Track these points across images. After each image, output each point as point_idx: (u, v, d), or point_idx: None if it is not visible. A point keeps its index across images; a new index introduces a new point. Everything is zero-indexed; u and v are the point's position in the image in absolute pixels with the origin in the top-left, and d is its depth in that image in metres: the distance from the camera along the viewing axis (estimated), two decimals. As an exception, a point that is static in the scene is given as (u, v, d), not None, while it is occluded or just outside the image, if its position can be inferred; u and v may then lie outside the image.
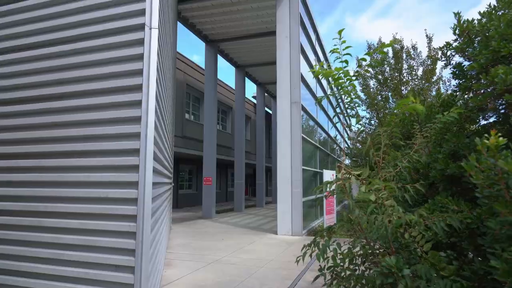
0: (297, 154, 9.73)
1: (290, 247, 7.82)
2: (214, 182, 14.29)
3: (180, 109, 16.40)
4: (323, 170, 10.13)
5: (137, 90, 3.18)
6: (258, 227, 11.30)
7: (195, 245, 8.12)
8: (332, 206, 10.26)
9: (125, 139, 3.16)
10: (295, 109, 9.86)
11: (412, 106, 2.08)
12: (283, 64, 10.14)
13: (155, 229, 3.65)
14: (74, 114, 3.29)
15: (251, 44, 15.62)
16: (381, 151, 2.46)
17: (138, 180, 3.06)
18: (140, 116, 3.12)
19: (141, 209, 3.02)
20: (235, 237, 9.20)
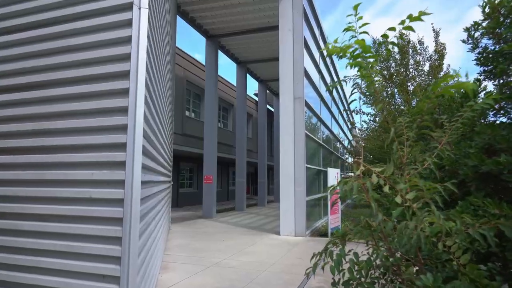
0: (300, 151, 9.36)
1: (294, 249, 7.46)
2: (215, 181, 13.94)
3: (180, 106, 16.05)
4: (328, 168, 9.76)
5: (124, 76, 2.82)
6: (260, 227, 10.95)
7: (194, 246, 7.77)
8: (337, 206, 9.88)
9: (110, 132, 2.80)
10: (298, 105, 9.49)
11: (459, 84, 1.70)
12: (286, 59, 9.77)
13: (145, 233, 3.30)
14: (52, 105, 2.94)
15: (252, 39, 15.24)
16: (406, 145, 2.10)
17: (124, 179, 2.70)
18: (127, 106, 2.77)
19: (128, 211, 2.67)
20: (236, 238, 8.86)
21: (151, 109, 3.46)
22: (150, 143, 3.54)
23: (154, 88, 3.74)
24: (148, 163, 3.42)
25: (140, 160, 2.76)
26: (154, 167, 4.16)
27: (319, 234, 9.79)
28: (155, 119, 3.90)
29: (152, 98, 3.56)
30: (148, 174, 3.49)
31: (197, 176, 20.50)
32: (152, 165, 3.91)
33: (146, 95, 2.93)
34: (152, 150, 3.79)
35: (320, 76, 13.54)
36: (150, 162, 3.64)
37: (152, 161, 3.79)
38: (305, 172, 9.32)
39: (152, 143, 3.74)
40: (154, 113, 3.75)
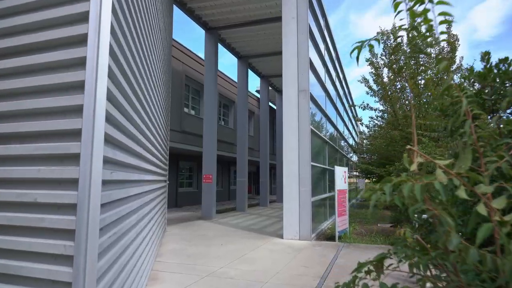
0: (305, 148, 8.67)
1: (299, 255, 6.77)
2: (215, 180, 13.26)
3: (178, 101, 15.38)
4: (335, 166, 9.07)
5: (80, 43, 2.14)
6: (262, 230, 10.27)
7: (189, 251, 7.10)
8: (344, 207, 9.19)
9: (61, 115, 2.13)
10: (303, 98, 8.79)
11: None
12: (290, 48, 9.07)
13: (116, 247, 2.61)
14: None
15: (254, 32, 14.54)
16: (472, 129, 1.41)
17: (78, 177, 2.02)
18: (84, 80, 2.09)
19: (82, 221, 1.99)
20: (236, 242, 8.18)
21: (123, 87, 2.77)
22: (123, 131, 2.85)
23: (130, 63, 3.05)
24: (120, 157, 2.74)
25: (101, 152, 2.09)
26: (134, 163, 3.48)
27: (325, 237, 9.10)
28: (131, 102, 3.20)
29: (126, 75, 2.87)
30: (121, 171, 2.80)
31: (197, 175, 19.84)
32: (130, 161, 3.22)
33: (111, 66, 2.25)
34: (128, 141, 3.10)
35: (326, 70, 12.83)
36: (125, 156, 2.96)
37: (127, 154, 3.10)
38: (310, 170, 8.63)
39: (127, 132, 3.05)
40: (129, 93, 3.05)
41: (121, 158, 2.75)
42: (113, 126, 2.48)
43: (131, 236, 3.35)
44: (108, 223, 2.38)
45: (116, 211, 2.58)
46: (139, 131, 3.82)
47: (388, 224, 11.72)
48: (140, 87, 3.73)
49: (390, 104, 13.05)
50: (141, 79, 3.78)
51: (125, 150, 3.02)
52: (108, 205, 2.39)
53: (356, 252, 7.12)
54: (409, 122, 11.76)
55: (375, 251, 7.47)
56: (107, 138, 2.27)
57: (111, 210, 2.45)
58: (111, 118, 2.36)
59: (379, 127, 15.20)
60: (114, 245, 2.55)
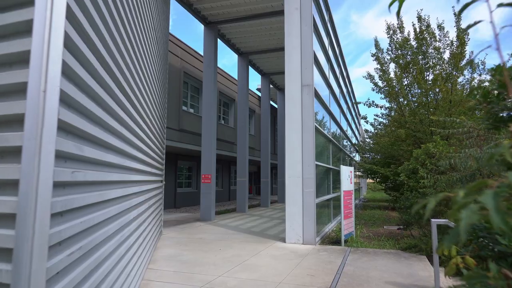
0: (309, 146, 8.16)
1: (303, 262, 6.26)
2: (214, 180, 12.75)
3: (176, 99, 14.88)
4: (341, 166, 8.55)
5: (26, 4, 1.63)
6: (263, 233, 9.76)
7: (185, 258, 6.60)
8: (350, 209, 8.68)
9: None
10: (306, 93, 8.28)
11: None
12: (293, 41, 8.56)
13: (77, 269, 2.08)
14: None
15: (255, 27, 14.04)
16: None
17: (19, 178, 1.52)
18: (29, 50, 1.58)
19: (25, 236, 1.49)
20: (235, 247, 7.67)
21: (92, 65, 2.25)
22: (96, 122, 2.34)
23: (104, 37, 2.53)
24: (90, 154, 2.23)
25: (52, 144, 1.58)
26: (115, 161, 2.98)
27: (330, 241, 8.59)
28: (107, 87, 2.67)
29: (97, 51, 2.35)
30: (92, 170, 2.30)
31: (196, 175, 19.34)
32: (108, 159, 2.72)
33: (71, 34, 1.74)
34: (105, 134, 2.59)
35: (330, 66, 12.32)
36: (99, 152, 2.45)
37: (103, 150, 2.59)
38: (314, 170, 8.12)
39: (103, 125, 2.54)
40: (103, 76, 2.53)
41: (91, 155, 2.25)
42: (77, 113, 1.98)
43: (110, 247, 2.85)
44: (69, 236, 1.88)
45: (82, 221, 2.07)
46: (122, 124, 3.32)
47: (395, 226, 11.21)
48: (122, 72, 3.22)
49: (396, 101, 12.52)
50: (124, 63, 3.28)
51: (99, 145, 2.52)
52: (69, 214, 1.89)
53: (365, 258, 6.61)
54: (417, 120, 11.22)
55: (385, 257, 6.99)
56: (66, 127, 1.77)
57: (74, 220, 1.95)
58: (72, 103, 1.86)
59: (384, 125, 14.69)
60: (79, 262, 2.05)
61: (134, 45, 3.82)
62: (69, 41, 1.78)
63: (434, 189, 7.29)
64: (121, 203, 3.31)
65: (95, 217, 2.34)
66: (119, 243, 3.26)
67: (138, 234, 4.57)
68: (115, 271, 3.09)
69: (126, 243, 3.65)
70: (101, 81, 2.45)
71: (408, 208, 8.10)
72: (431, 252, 6.74)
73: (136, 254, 4.45)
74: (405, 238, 8.11)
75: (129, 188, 3.80)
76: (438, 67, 11.59)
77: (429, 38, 11.94)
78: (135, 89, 4.08)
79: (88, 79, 2.12)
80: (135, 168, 4.19)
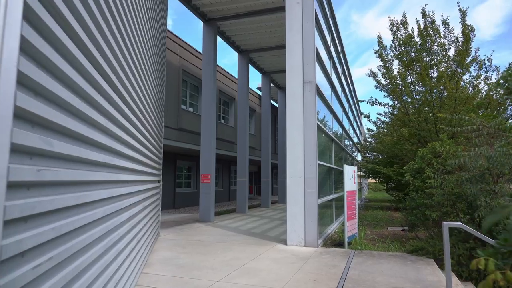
0: (311, 145, 7.88)
1: (305, 265, 5.98)
2: (213, 180, 12.47)
3: (175, 97, 14.61)
4: (344, 165, 8.27)
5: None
6: (263, 234, 9.48)
7: (182, 261, 6.32)
8: (354, 210, 8.40)
9: None
10: (308, 90, 8.00)
11: None
12: (294, 36, 8.28)
13: (47, 284, 1.80)
14: None
15: (255, 24, 13.76)
16: None
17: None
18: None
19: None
20: (235, 249, 7.39)
21: (62, 42, 1.96)
22: (67, 111, 2.05)
23: (75, 9, 2.24)
24: (62, 149, 1.94)
25: (7, 136, 1.30)
26: (98, 159, 2.70)
27: (332, 243, 8.30)
28: (85, 72, 2.38)
29: (68, 25, 2.06)
30: (66, 169, 2.02)
31: (195, 175, 19.06)
32: (89, 156, 2.43)
33: (31, 3, 1.46)
34: (85, 128, 2.31)
35: (332, 63, 12.03)
36: (77, 148, 2.16)
37: (83, 146, 2.31)
38: (316, 170, 7.84)
39: (80, 115, 2.25)
40: (78, 58, 2.24)
41: (65, 151, 1.97)
42: (48, 102, 1.70)
43: (94, 254, 2.57)
44: (36, 245, 1.60)
45: (54, 227, 1.79)
46: (109, 119, 3.04)
47: (399, 228, 10.93)
48: (109, 62, 2.94)
49: (400, 99, 12.23)
50: (111, 51, 3.00)
51: (79, 140, 2.24)
52: (36, 219, 1.62)
53: (370, 261, 6.32)
54: (422, 118, 10.94)
55: (391, 260, 6.68)
56: (31, 118, 1.49)
57: (42, 226, 1.67)
58: (39, 90, 1.58)
59: (387, 124, 14.40)
60: (50, 275, 1.77)
61: (122, 28, 3.54)
62: (33, 14, 1.50)
63: (441, 189, 7.00)
64: (108, 205, 3.04)
65: (72, 222, 2.07)
66: (106, 249, 2.98)
67: (130, 237, 4.30)
68: (101, 279, 2.81)
69: (115, 247, 3.37)
70: (80, 68, 2.17)
71: (414, 209, 7.81)
72: (439, 255, 6.46)
73: (128, 259, 4.17)
74: (410, 240, 7.82)
75: (119, 189, 3.53)
76: (443, 64, 11.30)
77: (434, 35, 11.65)
78: (126, 83, 3.81)
79: (61, 63, 1.84)
80: (126, 167, 3.92)
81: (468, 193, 6.34)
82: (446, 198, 7.05)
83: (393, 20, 12.08)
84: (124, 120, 3.70)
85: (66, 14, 1.96)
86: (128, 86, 3.84)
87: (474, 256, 6.14)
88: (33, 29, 1.50)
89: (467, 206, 6.96)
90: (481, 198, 5.98)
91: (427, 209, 7.30)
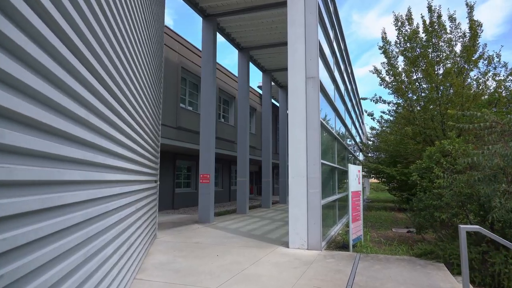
0: (314, 144, 7.54)
1: (309, 271, 5.64)
2: (213, 180, 12.13)
3: (173, 95, 14.26)
4: (348, 165, 7.92)
5: None
6: (264, 236, 9.14)
7: (179, 265, 5.98)
8: (358, 211, 8.05)
9: None
10: (311, 86, 7.66)
11: None
12: (296, 29, 7.93)
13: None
14: None
15: (256, 20, 13.41)
16: None
17: None
18: None
19: None
20: (234, 252, 7.05)
21: (29, 22, 1.62)
22: (29, 97, 1.70)
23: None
24: (26, 143, 1.60)
25: None
26: (76, 156, 2.36)
27: (336, 246, 7.96)
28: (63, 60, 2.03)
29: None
30: (20, 166, 1.67)
31: (195, 174, 18.72)
32: (63, 152, 2.09)
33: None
34: (52, 118, 1.96)
35: (335, 60, 11.68)
36: (48, 142, 1.82)
37: (57, 140, 1.96)
38: (320, 169, 7.50)
39: (48, 103, 1.90)
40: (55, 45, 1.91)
41: (24, 144, 1.63)
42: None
43: (69, 265, 2.24)
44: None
45: (4, 237, 1.45)
46: (91, 110, 2.71)
47: (404, 229, 10.58)
48: (87, 43, 2.60)
49: (405, 97, 11.87)
50: (92, 33, 2.66)
51: (47, 133, 1.90)
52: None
53: (377, 266, 5.98)
54: (428, 116, 10.58)
55: (399, 265, 6.30)
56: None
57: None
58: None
59: (391, 123, 14.03)
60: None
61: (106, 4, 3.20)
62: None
63: (451, 189, 6.65)
64: (89, 208, 2.70)
65: (35, 231, 1.73)
66: (87, 257, 2.65)
67: (120, 243, 3.96)
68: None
69: (100, 255, 3.04)
70: (50, 49, 1.83)
71: (422, 210, 7.45)
72: (449, 259, 6.11)
73: (117, 266, 3.84)
74: (418, 243, 7.47)
75: (104, 190, 3.19)
76: (450, 60, 10.94)
77: (440, 30, 11.29)
78: (113, 71, 3.47)
79: (22, 41, 1.49)
80: (114, 166, 3.58)
81: (481, 193, 6.00)
82: (455, 199, 6.70)
83: (398, 15, 11.73)
84: (111, 114, 3.36)
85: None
86: (115, 75, 3.51)
87: (487, 260, 5.80)
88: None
89: (479, 208, 6.61)
90: (496, 199, 5.63)
91: (436, 211, 6.96)
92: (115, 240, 3.73)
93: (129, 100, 4.40)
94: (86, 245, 2.65)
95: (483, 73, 11.02)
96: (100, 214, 3.04)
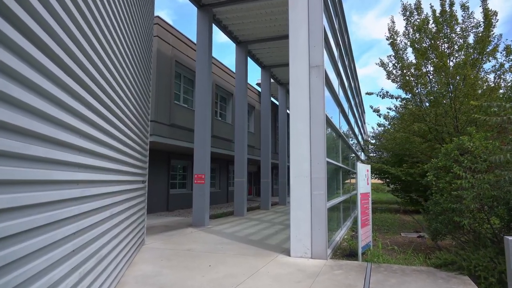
0: (319, 140, 6.76)
1: (314, 286, 4.85)
2: (208, 180, 11.34)
3: (166, 90, 13.46)
4: (357, 163, 7.16)
5: None
6: (263, 242, 8.35)
7: (164, 278, 5.19)
8: (367, 215, 7.28)
9: None
10: (315, 75, 6.89)
11: None
12: (299, 13, 7.16)
13: None
14: None
15: (254, 11, 12.64)
16: None
17: None
18: None
19: None
20: (229, 262, 6.27)
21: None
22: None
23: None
24: None
25: None
26: (32, 153, 1.58)
27: (342, 253, 7.19)
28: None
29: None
30: None
31: (191, 175, 17.91)
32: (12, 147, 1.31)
33: None
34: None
35: (339, 54, 10.92)
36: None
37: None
38: (325, 169, 6.72)
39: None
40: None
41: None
42: None
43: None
44: None
45: None
46: (51, 100, 1.93)
47: (414, 234, 9.82)
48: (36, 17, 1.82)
49: (413, 92, 11.10)
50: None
51: None
52: None
53: (392, 279, 5.19)
54: (441, 111, 9.80)
55: (417, 278, 5.36)
56: None
57: None
58: None
59: (398, 120, 13.26)
60: None
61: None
62: None
63: (473, 191, 5.89)
64: (47, 212, 1.93)
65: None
66: (40, 271, 1.86)
67: (89, 253, 3.18)
68: None
69: (58, 269, 2.26)
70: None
71: (439, 215, 6.69)
72: (475, 271, 5.34)
73: (85, 282, 3.06)
74: (436, 252, 6.69)
75: (70, 191, 2.42)
76: (463, 52, 10.18)
77: (451, 21, 10.53)
78: (80, 57, 2.69)
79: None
80: (85, 164, 2.80)
81: (511, 196, 5.24)
82: (478, 202, 5.94)
83: (406, 4, 10.96)
84: (80, 104, 2.59)
85: None
86: (86, 64, 2.73)
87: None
88: None
89: (507, 212, 5.85)
90: (531, 203, 4.87)
91: (456, 215, 6.19)
92: (83, 250, 2.97)
93: (106, 92, 3.62)
94: (43, 256, 1.87)
95: (499, 65, 10.27)
96: (62, 219, 2.28)
